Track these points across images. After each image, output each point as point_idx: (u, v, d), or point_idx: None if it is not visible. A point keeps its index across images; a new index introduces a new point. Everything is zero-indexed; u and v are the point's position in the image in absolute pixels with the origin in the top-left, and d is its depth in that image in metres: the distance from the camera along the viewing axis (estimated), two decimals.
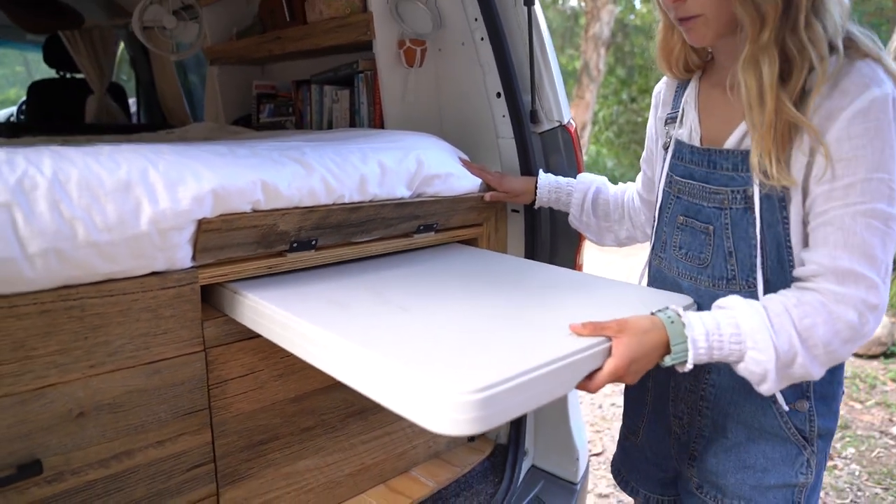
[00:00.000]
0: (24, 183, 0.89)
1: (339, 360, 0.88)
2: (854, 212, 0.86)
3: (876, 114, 0.85)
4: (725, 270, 1.02)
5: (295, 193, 1.15)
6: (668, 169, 1.13)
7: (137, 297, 1.01)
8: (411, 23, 1.76)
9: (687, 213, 1.08)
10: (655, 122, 1.23)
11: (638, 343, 0.89)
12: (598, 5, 10.85)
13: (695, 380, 1.09)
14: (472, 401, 0.71)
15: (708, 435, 1.10)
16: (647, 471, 1.25)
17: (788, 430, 1.02)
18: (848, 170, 0.86)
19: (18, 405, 0.93)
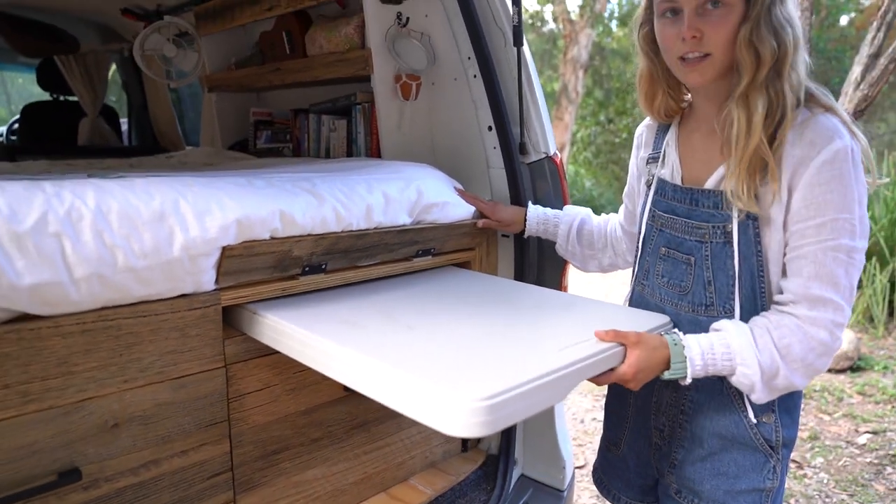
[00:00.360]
0: (72, 214, 0.99)
1: (360, 374, 0.98)
2: (825, 247, 1.02)
3: (839, 163, 1.00)
4: (705, 297, 1.15)
5: (308, 222, 1.25)
6: (650, 204, 1.25)
7: (167, 318, 1.11)
8: (407, 59, 1.88)
9: (669, 245, 1.20)
10: (637, 161, 1.36)
11: (647, 356, 1.05)
12: (576, 29, 11.13)
13: (675, 395, 1.21)
14: (482, 407, 0.82)
15: (687, 445, 1.21)
16: (628, 479, 1.36)
17: (757, 440, 1.15)
18: (818, 211, 1.01)
19: (62, 416, 1.01)
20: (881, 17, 3.71)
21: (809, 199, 1.02)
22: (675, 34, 1.07)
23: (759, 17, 1.01)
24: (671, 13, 1.08)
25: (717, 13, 1.03)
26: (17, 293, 0.92)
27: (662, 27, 1.10)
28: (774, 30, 1.02)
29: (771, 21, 1.02)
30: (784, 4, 1.04)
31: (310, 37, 2.08)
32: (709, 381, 1.15)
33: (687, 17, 1.04)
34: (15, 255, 0.92)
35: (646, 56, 1.20)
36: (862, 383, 3.78)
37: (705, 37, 1.04)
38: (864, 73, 3.83)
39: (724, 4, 1.02)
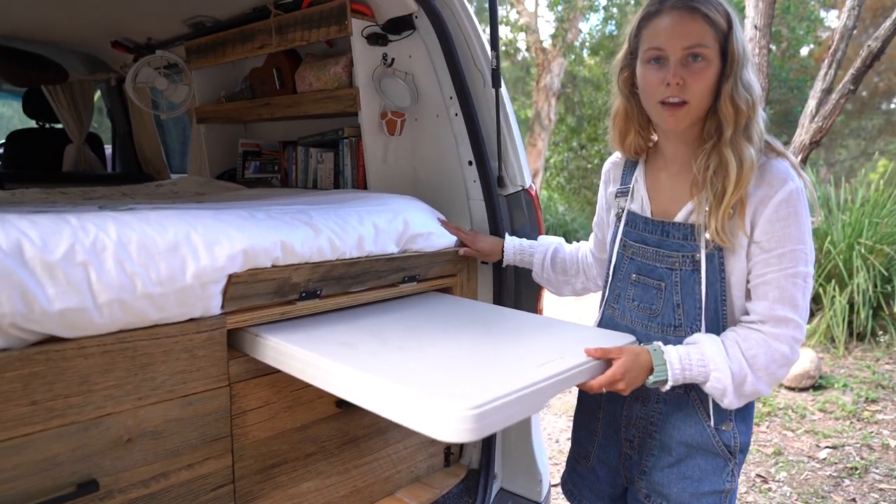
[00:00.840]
0: (97, 245, 1.09)
1: (358, 389, 1.09)
2: (786, 274, 1.17)
3: (794, 202, 1.17)
4: (674, 319, 1.28)
5: (306, 251, 1.37)
6: (621, 234, 1.37)
7: (178, 340, 1.20)
8: (392, 97, 2.01)
9: (640, 272, 1.33)
10: (606, 194, 1.50)
11: (633, 360, 1.19)
12: (548, 58, 11.44)
13: (644, 409, 1.34)
14: (470, 415, 0.93)
15: (656, 453, 1.34)
16: (598, 489, 1.47)
17: (718, 446, 1.28)
18: (780, 243, 1.17)
19: (82, 431, 1.10)
20: (831, 55, 3.97)
21: (771, 232, 1.17)
22: (659, 80, 1.19)
23: (737, 76, 1.17)
24: (656, 61, 1.20)
25: (698, 66, 1.17)
26: (48, 318, 1.02)
27: (646, 73, 1.22)
28: (747, 87, 1.19)
29: (744, 80, 1.18)
30: (748, 70, 1.20)
31: (299, 74, 2.21)
32: (675, 395, 1.29)
33: (673, 65, 1.18)
34: (47, 282, 1.02)
35: (624, 97, 1.33)
36: (823, 401, 3.96)
37: (687, 85, 1.17)
38: (819, 106, 4.07)
39: (704, 58, 1.17)
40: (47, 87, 3.51)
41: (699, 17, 1.16)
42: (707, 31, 1.17)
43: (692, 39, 1.16)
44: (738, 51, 1.18)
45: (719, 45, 1.17)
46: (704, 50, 1.16)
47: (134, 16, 2.60)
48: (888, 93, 14.68)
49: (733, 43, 1.17)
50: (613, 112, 1.37)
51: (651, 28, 1.21)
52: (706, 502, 1.29)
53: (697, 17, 1.16)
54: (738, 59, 1.17)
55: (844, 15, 4.09)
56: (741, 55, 1.18)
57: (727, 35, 1.18)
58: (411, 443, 1.73)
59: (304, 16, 2.04)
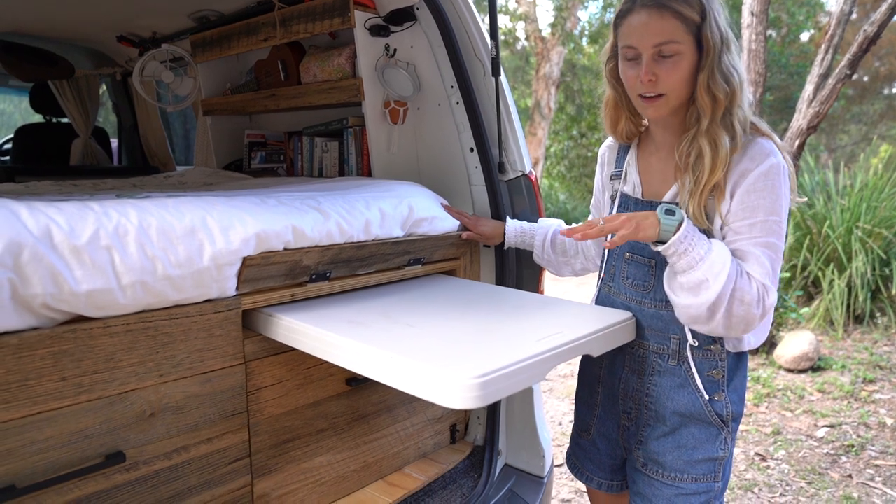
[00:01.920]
0: (119, 230, 1.15)
1: (369, 363, 1.15)
2: (755, 243, 1.23)
3: (773, 176, 1.21)
4: (664, 294, 1.33)
5: (316, 235, 1.43)
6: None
7: (196, 320, 1.27)
8: (395, 86, 2.06)
9: (633, 250, 1.40)
10: (602, 177, 1.56)
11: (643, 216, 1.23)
12: (547, 47, 11.44)
13: (640, 381, 1.41)
14: (475, 383, 1.00)
15: (652, 423, 1.41)
16: (599, 461, 1.55)
17: (711, 416, 1.34)
18: (752, 213, 1.22)
19: (108, 406, 1.17)
20: (828, 41, 4.00)
21: (746, 202, 1.22)
22: (634, 75, 1.26)
23: (712, 66, 1.21)
24: (631, 58, 1.26)
25: (670, 61, 1.22)
26: (76, 298, 1.08)
27: (625, 68, 1.29)
28: (725, 76, 1.22)
29: (721, 68, 1.22)
30: (730, 53, 1.23)
31: (304, 66, 2.26)
32: (669, 367, 1.36)
33: (644, 63, 1.23)
34: (74, 265, 1.08)
35: (611, 87, 1.40)
36: (822, 382, 4.02)
37: (660, 80, 1.23)
38: (815, 91, 4.11)
39: (677, 53, 1.22)
40: (54, 82, 3.56)
41: (668, 13, 1.20)
42: (677, 26, 1.20)
43: (661, 37, 1.20)
44: (713, 40, 1.20)
45: (693, 35, 1.21)
46: (674, 46, 1.21)
47: (139, 11, 2.65)
48: (889, 77, 14.66)
49: (707, 33, 1.20)
50: (604, 100, 1.44)
51: (625, 26, 1.26)
52: (700, 469, 1.36)
53: (666, 14, 1.20)
54: (713, 49, 1.20)
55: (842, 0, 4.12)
56: (717, 44, 1.21)
57: (700, 26, 1.21)
58: (418, 420, 1.80)
59: (308, 8, 2.09)
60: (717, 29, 1.21)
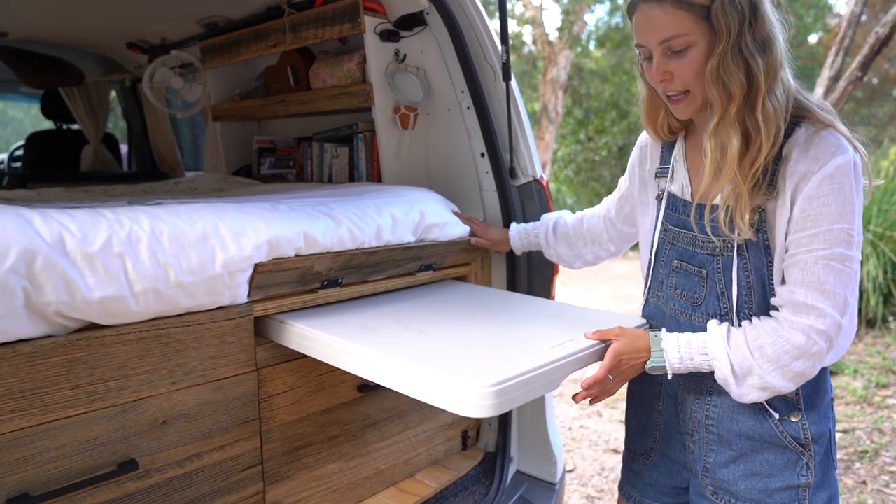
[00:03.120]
0: (132, 237, 1.15)
1: (383, 370, 1.14)
2: (815, 256, 1.05)
3: (840, 177, 1.03)
4: (718, 308, 1.18)
5: (328, 241, 1.42)
6: (662, 218, 1.29)
7: (209, 327, 1.26)
8: (405, 92, 2.06)
9: (681, 258, 1.24)
10: (641, 169, 1.40)
11: (629, 343, 1.16)
12: (554, 50, 11.44)
13: (697, 401, 1.25)
14: (490, 392, 0.99)
15: (716, 448, 1.24)
16: (661, 484, 1.38)
17: (785, 439, 1.17)
18: (814, 223, 1.05)
19: (121, 414, 1.16)
20: (839, 43, 3.98)
21: (808, 211, 1.06)
22: (651, 76, 1.15)
23: (724, 53, 1.05)
24: (646, 58, 1.15)
25: (681, 55, 1.09)
26: (89, 305, 1.08)
27: (646, 68, 1.17)
28: (744, 61, 1.05)
29: (741, 53, 1.05)
30: (756, 29, 1.05)
31: (313, 71, 2.26)
32: None
33: (655, 62, 1.12)
34: (87, 272, 1.08)
35: (645, 83, 1.24)
36: (834, 386, 3.97)
37: (675, 77, 1.11)
38: (826, 94, 4.09)
39: (687, 45, 1.07)
40: (64, 89, 3.58)
41: (668, 5, 1.07)
42: (681, 16, 1.07)
43: (665, 32, 1.08)
44: (725, 24, 1.05)
45: (704, 22, 1.07)
46: (681, 39, 1.08)
47: (148, 17, 2.66)
48: None
49: (717, 17, 1.05)
50: (640, 98, 1.30)
51: (634, 25, 1.14)
52: (780, 499, 1.18)
53: (666, 6, 1.07)
54: (725, 34, 1.05)
55: (852, 1, 4.09)
56: (733, 27, 1.05)
57: (710, 9, 1.06)
58: (430, 426, 1.79)
59: (318, 14, 2.09)
60: (733, 9, 1.04)
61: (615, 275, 7.78)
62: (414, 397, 1.09)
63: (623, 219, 1.52)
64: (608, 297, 6.55)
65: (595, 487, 2.93)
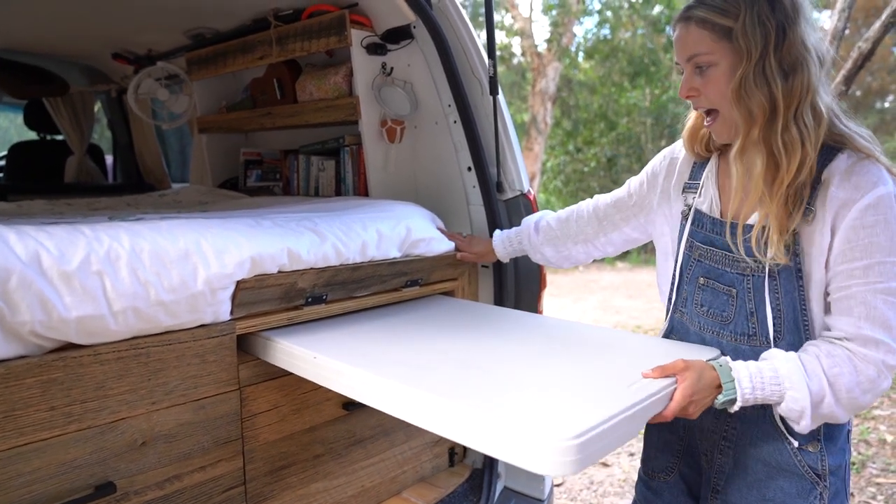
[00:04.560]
0: (111, 255, 1.12)
1: (439, 418, 1.01)
2: (874, 289, 1.04)
3: (884, 208, 1.03)
4: (747, 328, 1.17)
5: (312, 258, 1.40)
6: (688, 234, 1.27)
7: (190, 346, 1.24)
8: (392, 105, 2.05)
9: (708, 276, 1.22)
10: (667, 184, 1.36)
11: (698, 379, 1.06)
12: (543, 62, 11.50)
13: (716, 421, 1.23)
14: (573, 445, 0.85)
15: (728, 471, 1.22)
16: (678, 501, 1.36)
17: (802, 468, 1.15)
18: (865, 253, 1.04)
19: (98, 435, 1.13)
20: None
21: (854, 241, 1.04)
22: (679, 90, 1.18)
23: (745, 74, 1.06)
24: (682, 73, 1.17)
25: (706, 73, 1.11)
26: (66, 325, 1.05)
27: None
28: (766, 84, 1.05)
29: (763, 74, 1.05)
30: (784, 53, 1.05)
31: (300, 84, 2.25)
32: (751, 408, 1.14)
33: (683, 78, 1.15)
34: (64, 291, 1.05)
35: None
36: None
37: (701, 93, 1.13)
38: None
39: (710, 64, 1.10)
40: (48, 100, 3.54)
41: (693, 24, 1.11)
42: (703, 36, 1.10)
43: (689, 50, 1.12)
44: (745, 46, 1.06)
45: (727, 42, 1.09)
46: (704, 57, 1.11)
47: (134, 28, 2.64)
48: (881, 92, 14.78)
49: (737, 39, 1.07)
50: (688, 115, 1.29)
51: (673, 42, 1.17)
52: None
53: (691, 26, 1.11)
54: (745, 55, 1.06)
55: (835, 17, 4.14)
56: (754, 48, 1.06)
57: (732, 30, 1.07)
58: (416, 444, 1.77)
59: (304, 27, 2.08)
60: (756, 29, 1.05)
61: (603, 286, 7.80)
62: (473, 447, 0.96)
63: (634, 225, 1.47)
64: (596, 309, 6.55)
65: (584, 501, 2.92)
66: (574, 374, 1.14)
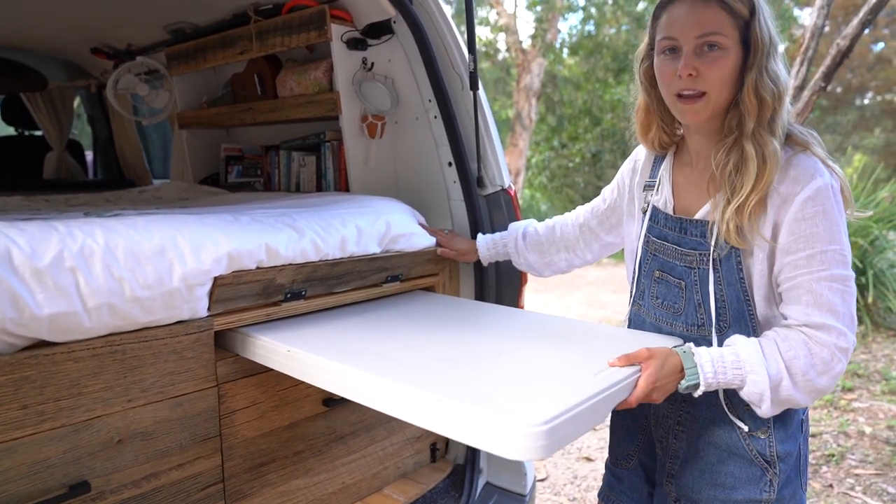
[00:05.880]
0: (85, 251, 1.11)
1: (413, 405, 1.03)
2: (818, 277, 1.08)
3: (822, 199, 1.07)
4: (696, 318, 1.22)
5: (290, 254, 1.40)
6: (645, 230, 1.31)
7: (167, 342, 1.23)
8: (373, 100, 2.04)
9: (662, 269, 1.27)
10: (632, 184, 1.41)
11: (661, 367, 1.09)
12: (528, 58, 11.51)
13: (671, 407, 1.26)
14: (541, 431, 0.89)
15: (683, 455, 1.25)
16: (640, 490, 1.39)
17: (752, 453, 1.19)
18: (807, 244, 1.08)
19: (73, 434, 1.12)
20: (803, 54, 4.05)
21: (797, 232, 1.09)
22: (673, 71, 1.14)
23: (761, 65, 1.11)
24: (671, 51, 1.15)
25: (714, 55, 1.11)
26: (38, 322, 1.04)
27: (662, 64, 1.17)
28: (773, 78, 1.11)
29: (769, 70, 1.11)
30: (776, 59, 1.13)
31: (280, 79, 2.23)
32: (703, 395, 1.15)
33: (685, 55, 1.12)
34: (36, 288, 1.04)
35: (644, 90, 1.27)
36: None
37: (701, 75, 1.12)
38: (791, 103, 4.16)
39: (721, 47, 1.10)
40: (26, 95, 3.49)
41: (714, 3, 1.10)
42: (724, 18, 1.10)
43: (706, 27, 1.10)
44: (762, 38, 1.10)
45: (739, 32, 1.11)
46: (719, 38, 1.10)
47: (113, 22, 2.61)
48: (861, 88, 14.96)
49: (756, 30, 1.10)
50: (636, 106, 1.32)
51: (666, 17, 1.16)
52: None
53: (712, 4, 1.11)
54: (762, 48, 1.10)
55: (815, 14, 4.18)
56: (766, 43, 1.11)
57: (749, 22, 1.11)
58: (397, 439, 1.77)
59: (284, 22, 2.07)
60: (766, 27, 1.11)
61: (589, 281, 7.83)
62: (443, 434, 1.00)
63: (608, 229, 1.52)
64: (582, 304, 6.58)
65: (567, 496, 2.93)
66: (544, 364, 1.17)
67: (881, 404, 3.81)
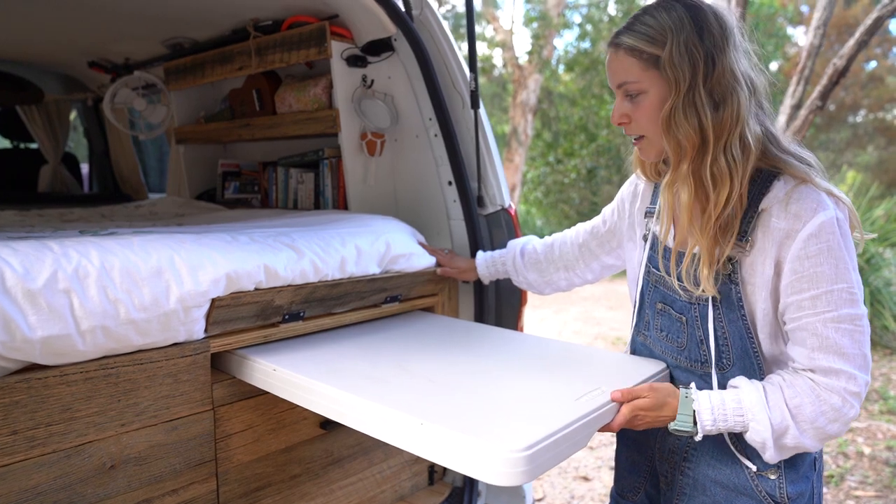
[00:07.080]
0: (79, 272, 1.09)
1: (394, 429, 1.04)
2: (823, 319, 1.02)
3: (826, 235, 1.00)
4: (699, 354, 1.17)
5: (290, 274, 1.37)
6: (646, 260, 1.27)
7: (162, 365, 1.20)
8: (372, 118, 2.03)
9: (664, 301, 1.22)
10: (631, 207, 1.37)
11: (652, 405, 1.08)
12: (524, 74, 11.57)
13: (677, 442, 1.22)
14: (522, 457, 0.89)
15: (689, 493, 1.21)
16: None
17: (761, 494, 1.14)
18: (811, 284, 1.02)
19: (64, 459, 1.09)
20: (799, 73, 4.08)
21: (800, 271, 1.02)
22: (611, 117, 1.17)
23: (674, 105, 1.05)
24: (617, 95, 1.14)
25: (637, 100, 1.10)
26: (30, 345, 1.02)
27: None
28: (696, 115, 1.04)
29: (693, 105, 1.04)
30: (714, 83, 1.03)
31: (279, 96, 2.22)
32: None
33: (615, 104, 1.14)
34: (28, 310, 1.01)
35: None
36: None
37: (634, 120, 1.12)
38: (788, 122, 4.18)
39: (641, 92, 1.09)
40: (23, 107, 3.47)
41: (621, 51, 1.09)
42: (631, 64, 1.08)
43: (618, 77, 1.11)
44: (673, 76, 1.05)
45: (655, 71, 1.07)
46: (631, 85, 1.09)
47: (112, 37, 2.60)
48: (854, 106, 15.08)
49: (664, 69, 1.05)
50: None
51: None
52: None
53: (620, 53, 1.10)
54: (674, 85, 1.05)
55: (811, 34, 4.21)
56: (682, 78, 1.04)
57: (659, 58, 1.06)
58: (395, 462, 1.74)
59: (284, 38, 2.06)
60: (684, 58, 1.03)
61: (584, 297, 7.81)
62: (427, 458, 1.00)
63: (608, 251, 1.49)
64: (577, 320, 6.56)
65: None
66: (531, 388, 1.17)
67: (879, 424, 3.79)
